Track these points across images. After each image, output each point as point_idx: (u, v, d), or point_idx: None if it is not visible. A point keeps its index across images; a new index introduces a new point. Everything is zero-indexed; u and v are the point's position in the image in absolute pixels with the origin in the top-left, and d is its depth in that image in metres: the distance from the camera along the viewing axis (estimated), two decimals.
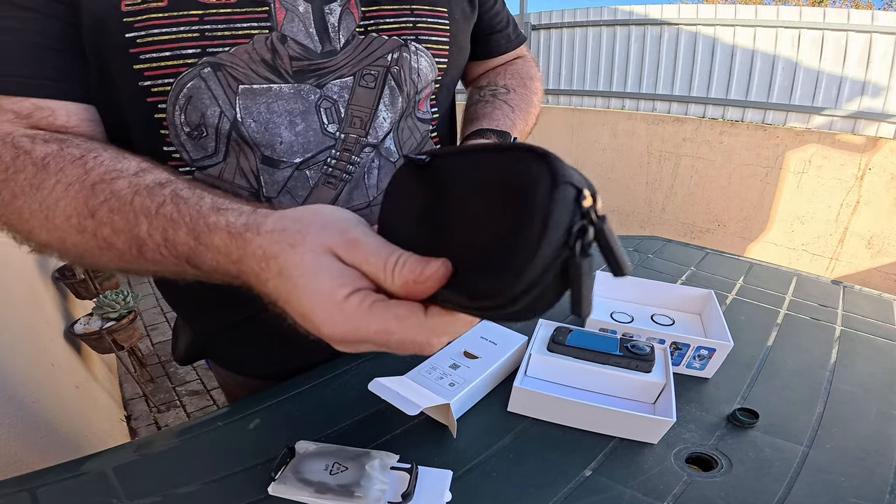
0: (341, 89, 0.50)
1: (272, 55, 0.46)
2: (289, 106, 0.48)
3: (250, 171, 0.50)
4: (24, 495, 0.43)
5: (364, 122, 0.52)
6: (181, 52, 0.43)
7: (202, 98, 0.45)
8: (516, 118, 0.65)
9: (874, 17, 2.43)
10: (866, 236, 2.57)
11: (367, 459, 0.46)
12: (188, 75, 0.44)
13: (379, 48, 0.51)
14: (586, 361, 0.58)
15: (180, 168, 0.49)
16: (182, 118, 0.46)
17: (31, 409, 1.09)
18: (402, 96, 0.54)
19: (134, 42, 0.42)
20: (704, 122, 3.02)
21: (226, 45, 0.45)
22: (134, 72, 0.43)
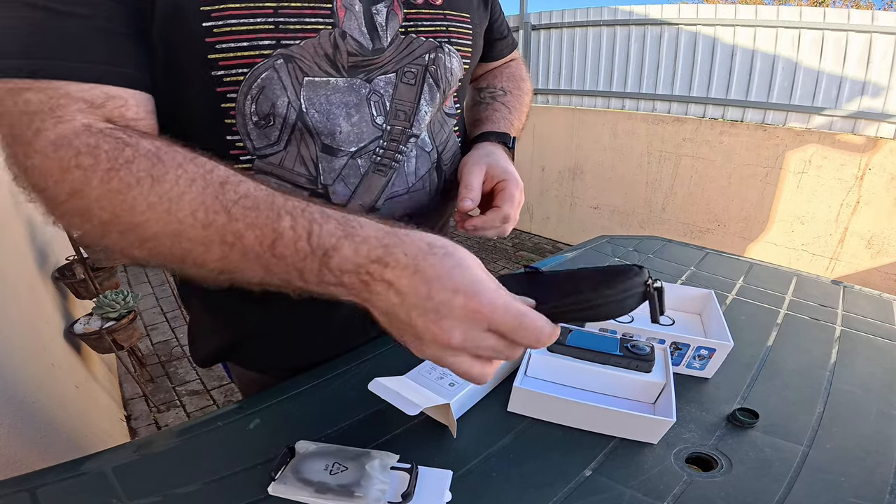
0: (386, 84, 0.54)
1: (334, 50, 0.49)
2: (344, 98, 0.51)
3: (310, 158, 0.52)
4: (24, 495, 0.43)
5: (408, 115, 0.57)
6: (258, 42, 0.45)
7: (274, 88, 0.47)
8: (513, 118, 0.73)
9: (874, 17, 2.43)
10: (866, 236, 2.57)
11: (367, 459, 0.46)
12: (263, 66, 0.46)
13: (418, 48, 0.56)
14: (586, 361, 0.58)
15: (241, 157, 0.50)
16: (253, 107, 0.47)
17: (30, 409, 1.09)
18: (439, 93, 0.59)
19: (211, 31, 0.43)
20: (704, 122, 3.02)
21: (297, 39, 0.47)
22: (208, 61, 0.44)
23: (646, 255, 1.02)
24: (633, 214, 3.49)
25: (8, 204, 1.58)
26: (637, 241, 1.10)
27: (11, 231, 1.58)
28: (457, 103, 0.66)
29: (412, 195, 0.61)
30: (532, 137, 3.89)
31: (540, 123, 3.81)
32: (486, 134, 0.68)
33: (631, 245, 1.07)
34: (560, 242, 3.99)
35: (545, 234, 4.13)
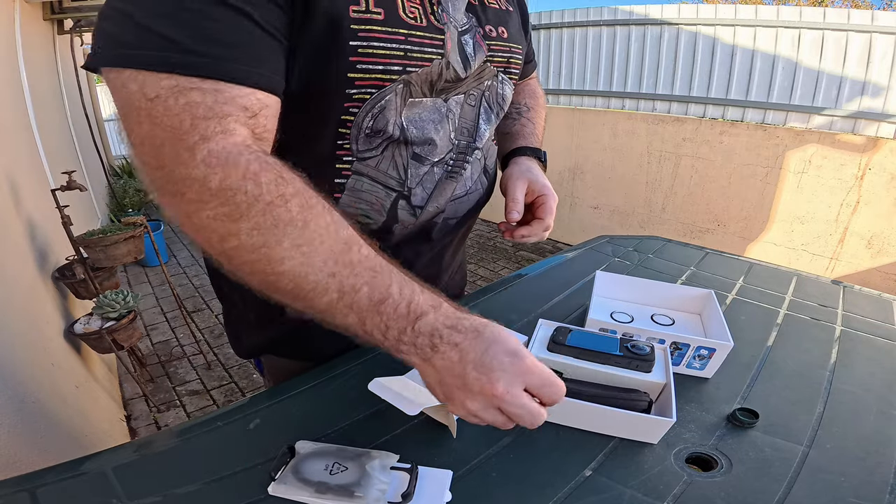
0: (456, 104, 0.60)
1: (437, 78, 0.55)
2: (432, 116, 0.57)
3: (401, 164, 0.58)
4: (24, 495, 0.43)
5: (470, 132, 0.64)
6: (390, 67, 0.49)
7: (390, 109, 0.52)
8: (538, 131, 0.82)
9: (874, 17, 2.43)
10: (866, 236, 2.57)
11: (367, 459, 0.46)
12: (388, 90, 0.50)
13: (484, 75, 0.62)
14: (586, 361, 0.57)
15: (344, 158, 0.55)
16: (370, 123, 0.52)
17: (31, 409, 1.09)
18: (493, 114, 0.66)
19: (355, 50, 0.46)
20: (704, 122, 3.02)
21: (417, 67, 0.51)
22: (347, 78, 0.47)
23: (646, 255, 1.02)
24: (633, 214, 3.49)
25: (8, 204, 1.58)
26: (637, 241, 1.10)
27: (11, 231, 1.58)
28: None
29: (469, 196, 0.69)
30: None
31: None
32: (522, 149, 0.77)
33: (631, 245, 1.07)
34: (560, 242, 3.99)
35: None
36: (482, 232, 4.24)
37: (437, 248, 0.70)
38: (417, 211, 0.61)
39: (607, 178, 3.54)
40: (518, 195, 0.69)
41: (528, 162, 0.74)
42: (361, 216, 0.58)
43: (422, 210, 0.62)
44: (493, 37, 0.62)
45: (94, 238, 2.06)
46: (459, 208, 0.68)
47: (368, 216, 0.59)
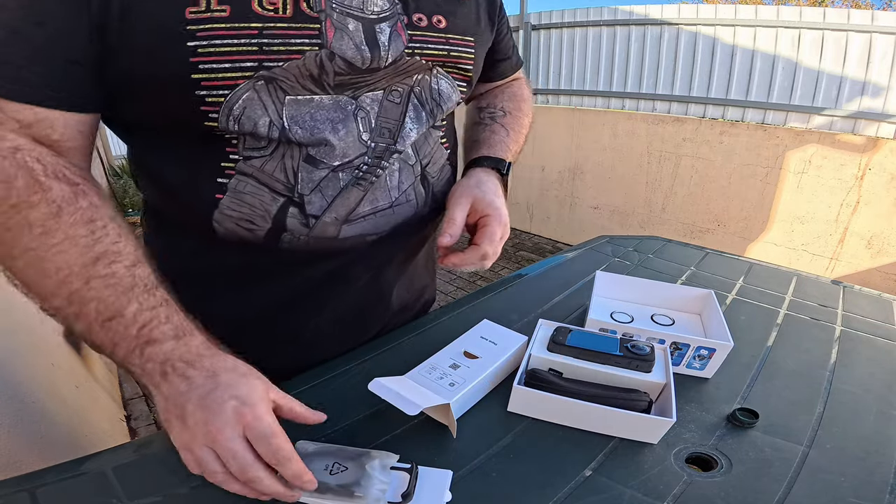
0: (372, 101, 0.55)
1: (319, 70, 0.49)
2: (330, 115, 0.52)
3: (291, 167, 0.53)
4: (24, 495, 0.43)
5: (392, 133, 0.57)
6: (240, 64, 0.45)
7: (255, 109, 0.47)
8: (510, 141, 0.73)
9: (874, 17, 2.43)
10: (866, 236, 2.57)
11: (367, 459, 0.46)
12: (243, 88, 0.46)
13: (410, 68, 0.56)
14: (586, 361, 0.57)
15: (231, 156, 0.51)
16: (235, 127, 0.48)
17: (30, 409, 1.09)
18: (424, 112, 0.59)
19: (195, 51, 0.43)
20: (704, 122, 3.02)
21: (280, 61, 0.47)
22: (191, 81, 0.44)
23: (646, 255, 1.02)
24: (633, 214, 3.49)
25: None
26: (637, 241, 1.10)
27: None
28: (443, 119, 0.65)
29: (396, 209, 0.61)
30: (532, 137, 3.85)
31: (540, 123, 3.80)
32: (480, 159, 0.69)
33: (631, 245, 1.07)
34: (560, 242, 3.99)
35: (545, 234, 4.13)
36: None
37: (364, 270, 0.64)
38: (311, 221, 0.55)
39: (607, 178, 3.54)
40: (455, 214, 0.60)
41: (481, 175, 0.66)
42: (244, 221, 0.53)
43: (317, 220, 0.55)
44: (423, 27, 0.56)
45: None
46: (382, 223, 0.60)
47: (252, 221, 0.54)
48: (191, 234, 0.56)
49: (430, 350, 0.60)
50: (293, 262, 0.58)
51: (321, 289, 0.62)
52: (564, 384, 0.55)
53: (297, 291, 0.62)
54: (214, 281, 0.60)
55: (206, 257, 0.58)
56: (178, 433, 0.41)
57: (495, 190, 0.65)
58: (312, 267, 0.60)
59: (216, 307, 0.64)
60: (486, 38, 0.66)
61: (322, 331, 0.65)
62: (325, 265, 0.60)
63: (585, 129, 3.56)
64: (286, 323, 0.64)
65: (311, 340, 0.66)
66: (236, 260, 0.58)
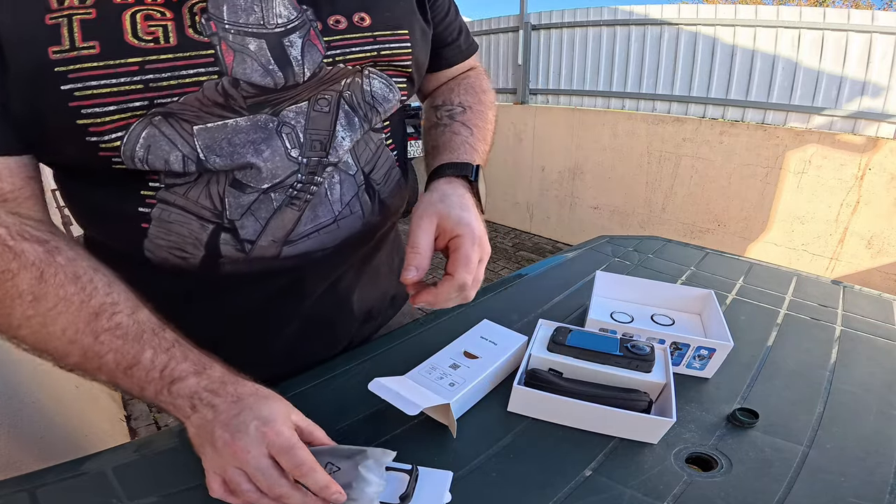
0: (297, 115, 0.50)
1: (225, 99, 0.45)
2: (249, 136, 0.48)
3: (217, 193, 0.49)
4: (24, 495, 0.43)
5: (324, 144, 0.53)
6: (127, 104, 0.41)
7: (161, 145, 0.44)
8: (475, 141, 0.65)
9: (874, 17, 2.43)
10: (866, 236, 2.57)
11: (362, 458, 0.45)
12: (139, 126, 0.42)
13: (335, 75, 0.52)
14: (586, 361, 0.57)
15: (150, 183, 0.47)
16: (145, 167, 0.44)
17: (30, 410, 1.09)
18: (358, 118, 0.55)
19: (71, 95, 0.39)
20: (704, 122, 3.02)
21: (174, 95, 0.42)
22: (78, 127, 0.40)
23: (646, 255, 1.02)
24: (633, 214, 3.49)
25: None
26: (637, 241, 1.10)
27: None
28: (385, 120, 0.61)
29: (341, 223, 0.57)
30: (532, 137, 3.89)
31: (540, 123, 3.81)
32: (441, 168, 0.59)
33: (631, 245, 1.07)
34: (560, 242, 3.99)
35: (545, 234, 4.13)
36: None
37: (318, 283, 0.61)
38: (247, 245, 0.52)
39: (607, 178, 3.54)
40: (419, 241, 0.51)
41: (444, 187, 0.56)
42: (176, 249, 0.50)
43: (252, 244, 0.52)
44: (342, 29, 0.50)
45: None
46: (327, 239, 0.56)
47: (184, 249, 0.50)
48: (125, 262, 0.51)
49: (430, 350, 0.60)
50: (239, 284, 0.56)
51: (274, 306, 0.60)
52: (564, 384, 0.55)
53: (249, 310, 0.59)
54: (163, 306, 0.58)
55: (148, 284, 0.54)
56: (210, 458, 0.42)
57: (462, 203, 0.55)
58: (260, 286, 0.57)
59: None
60: (422, 27, 0.60)
61: (285, 347, 0.63)
62: (274, 283, 0.57)
63: (585, 129, 3.56)
64: (245, 342, 0.62)
65: (276, 358, 0.64)
66: (179, 284, 0.54)
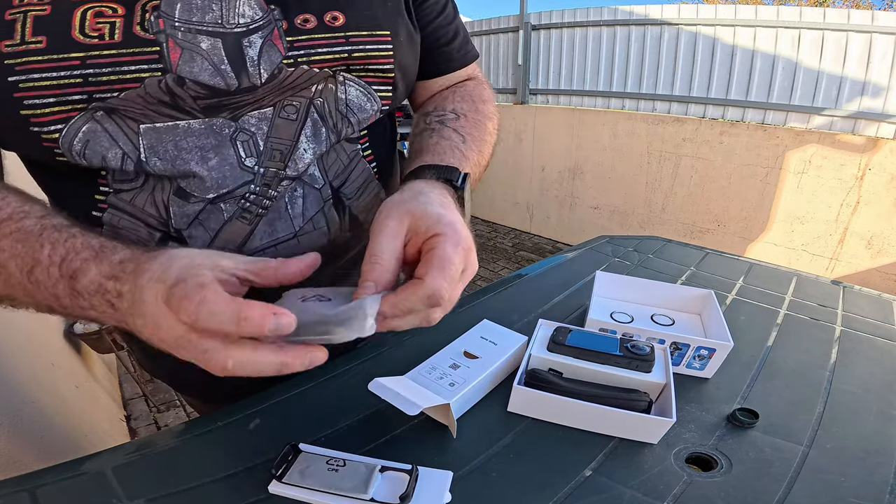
0: (259, 121, 0.48)
1: (170, 97, 0.44)
2: (199, 141, 0.46)
3: (161, 201, 0.48)
4: (24, 495, 0.43)
5: (284, 155, 0.50)
6: (66, 97, 0.41)
7: (100, 141, 0.43)
8: (467, 149, 0.57)
9: (874, 17, 2.43)
10: (866, 236, 2.57)
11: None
12: (80, 119, 0.42)
13: (306, 80, 0.49)
14: (586, 361, 0.57)
15: (102, 188, 0.47)
16: (83, 162, 0.43)
17: (30, 409, 1.09)
18: (326, 128, 0.52)
19: (17, 87, 0.39)
20: (704, 123, 3.02)
21: (114, 91, 0.42)
22: (21, 118, 0.40)
23: (646, 255, 1.02)
24: (633, 214, 3.49)
25: None
26: (637, 241, 1.10)
27: None
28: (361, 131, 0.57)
29: (301, 239, 0.54)
30: (532, 137, 3.90)
31: (540, 123, 3.82)
32: (419, 170, 0.51)
33: (631, 245, 1.07)
34: (560, 242, 3.99)
35: (545, 234, 4.13)
36: (482, 232, 4.24)
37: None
38: None
39: (607, 178, 3.55)
40: (382, 248, 0.40)
41: (422, 185, 0.47)
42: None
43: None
44: (309, 28, 0.47)
45: None
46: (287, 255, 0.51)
47: None
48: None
49: (430, 350, 0.60)
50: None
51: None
52: (564, 384, 0.55)
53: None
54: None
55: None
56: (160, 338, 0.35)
57: (442, 201, 0.45)
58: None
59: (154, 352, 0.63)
60: (408, 28, 0.56)
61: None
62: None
63: (585, 129, 3.56)
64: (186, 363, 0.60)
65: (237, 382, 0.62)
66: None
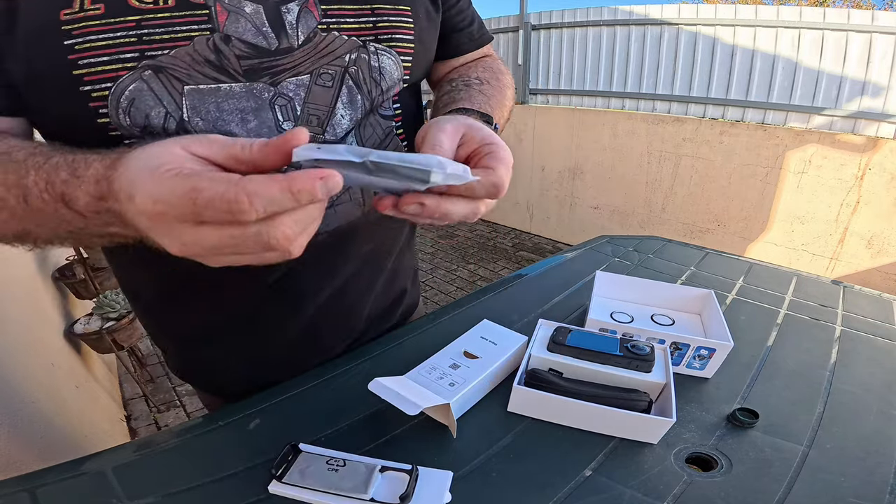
0: (297, 87, 0.50)
1: (216, 55, 0.46)
2: (240, 104, 0.48)
3: None
4: (24, 495, 0.43)
5: (321, 121, 0.52)
6: (119, 56, 0.43)
7: (145, 100, 0.45)
8: (494, 107, 0.61)
9: (874, 17, 2.43)
10: (866, 236, 2.57)
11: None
12: (128, 79, 0.44)
13: (339, 48, 0.51)
14: (586, 361, 0.57)
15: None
16: (127, 121, 0.45)
17: (30, 410, 1.09)
18: (361, 95, 0.54)
19: (72, 49, 0.42)
20: (704, 122, 3.02)
21: (165, 48, 0.44)
22: (73, 78, 0.42)
23: (646, 255, 1.02)
24: (633, 214, 3.49)
25: None
26: (637, 241, 1.10)
27: None
28: (396, 104, 0.59)
29: (338, 208, 0.56)
30: (532, 137, 3.89)
31: (540, 123, 3.81)
32: (462, 110, 0.56)
33: (631, 245, 1.07)
34: (560, 242, 3.99)
35: (545, 234, 4.13)
36: (482, 232, 4.24)
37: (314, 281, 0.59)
38: None
39: (607, 178, 3.54)
40: (443, 141, 0.43)
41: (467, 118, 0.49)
42: None
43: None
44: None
45: None
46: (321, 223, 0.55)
47: None
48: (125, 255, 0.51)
49: (430, 350, 0.60)
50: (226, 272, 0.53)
51: (271, 304, 0.59)
52: (564, 384, 0.55)
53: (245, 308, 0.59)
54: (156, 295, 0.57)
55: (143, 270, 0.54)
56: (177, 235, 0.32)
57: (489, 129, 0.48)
58: (249, 280, 0.55)
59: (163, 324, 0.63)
60: (428, 9, 0.60)
61: (280, 351, 0.63)
62: (264, 277, 0.56)
63: (585, 129, 3.56)
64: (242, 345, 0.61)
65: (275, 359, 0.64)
66: (173, 277, 0.54)
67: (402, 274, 0.74)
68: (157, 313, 0.64)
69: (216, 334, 0.62)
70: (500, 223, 4.43)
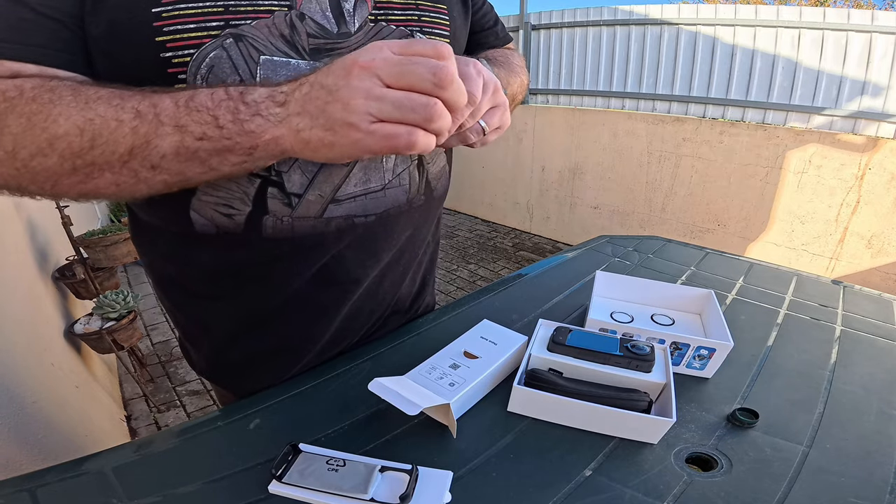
0: None
1: (290, 31, 0.49)
2: None
3: None
4: (24, 495, 0.43)
5: None
6: (206, 24, 0.45)
7: (223, 67, 0.47)
8: (504, 76, 0.65)
9: (874, 17, 2.43)
10: (866, 236, 2.57)
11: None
12: (210, 46, 0.46)
13: (389, 35, 0.56)
14: (586, 361, 0.57)
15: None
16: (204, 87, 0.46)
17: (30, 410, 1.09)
18: None
19: (159, 16, 0.44)
20: (704, 122, 3.02)
21: (248, 19, 0.47)
22: (156, 44, 0.44)
23: (646, 255, 1.02)
24: (633, 214, 3.49)
25: (8, 204, 1.58)
26: (637, 241, 1.10)
27: (11, 231, 1.58)
28: None
29: (389, 192, 0.58)
30: (532, 137, 3.89)
31: (540, 123, 3.81)
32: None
33: (631, 245, 1.07)
34: (560, 242, 3.99)
35: (545, 234, 4.13)
36: (482, 232, 4.24)
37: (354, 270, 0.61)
38: (294, 200, 0.53)
39: (607, 178, 3.54)
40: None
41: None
42: (223, 206, 0.52)
43: (300, 199, 0.53)
44: None
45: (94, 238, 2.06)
46: (371, 206, 0.57)
47: (231, 205, 0.52)
48: (166, 233, 0.55)
49: (430, 350, 0.60)
50: (275, 258, 0.56)
51: (310, 293, 0.60)
52: (564, 384, 0.55)
53: (285, 295, 0.59)
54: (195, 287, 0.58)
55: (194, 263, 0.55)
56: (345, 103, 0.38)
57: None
58: (303, 260, 0.57)
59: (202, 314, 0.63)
60: (460, 10, 0.65)
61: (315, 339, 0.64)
62: (317, 257, 0.57)
63: (585, 129, 3.56)
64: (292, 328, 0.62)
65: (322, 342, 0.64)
66: (214, 260, 0.56)
67: (427, 267, 0.78)
68: (198, 308, 0.63)
69: (258, 327, 0.62)
70: (499, 223, 4.43)
